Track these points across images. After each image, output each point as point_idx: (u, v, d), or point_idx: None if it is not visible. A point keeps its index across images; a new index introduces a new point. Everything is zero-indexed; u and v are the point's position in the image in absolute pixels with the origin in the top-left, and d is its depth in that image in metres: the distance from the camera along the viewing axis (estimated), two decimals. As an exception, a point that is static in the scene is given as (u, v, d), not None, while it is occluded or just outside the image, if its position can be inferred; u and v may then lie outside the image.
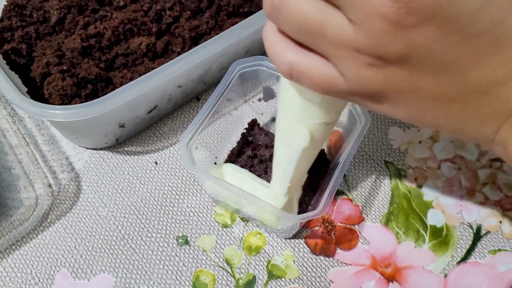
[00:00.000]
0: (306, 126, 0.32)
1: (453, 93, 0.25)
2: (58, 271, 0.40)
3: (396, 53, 0.23)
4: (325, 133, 0.34)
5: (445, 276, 0.40)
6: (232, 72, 0.40)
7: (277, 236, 0.42)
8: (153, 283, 0.40)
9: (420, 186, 0.44)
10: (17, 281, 0.40)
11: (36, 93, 0.43)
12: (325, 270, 0.40)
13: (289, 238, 0.42)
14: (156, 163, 0.45)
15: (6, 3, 0.47)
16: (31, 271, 0.40)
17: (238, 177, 0.39)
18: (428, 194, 0.44)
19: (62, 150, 0.45)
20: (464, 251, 0.41)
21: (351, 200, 0.44)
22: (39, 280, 0.40)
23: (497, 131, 0.26)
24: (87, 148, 0.46)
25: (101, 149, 0.45)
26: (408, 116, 0.27)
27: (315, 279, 0.40)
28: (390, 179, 0.45)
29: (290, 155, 0.34)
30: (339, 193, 0.44)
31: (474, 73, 0.23)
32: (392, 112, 0.27)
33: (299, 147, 0.33)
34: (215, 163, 0.44)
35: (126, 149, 0.46)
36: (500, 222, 0.43)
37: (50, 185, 0.44)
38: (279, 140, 0.35)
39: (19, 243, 0.41)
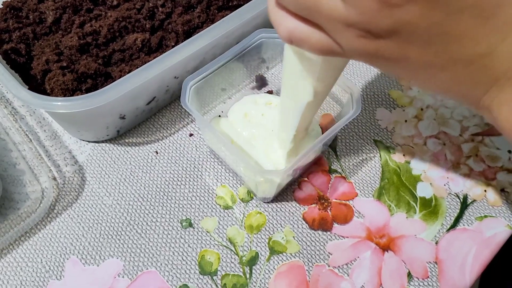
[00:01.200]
0: (310, 83, 0.34)
1: (440, 62, 0.27)
2: (68, 259, 0.42)
3: (385, 28, 0.25)
4: (329, 88, 0.36)
5: (436, 243, 0.43)
6: (253, 37, 0.43)
7: (260, 201, 0.45)
8: (161, 264, 0.41)
9: (408, 162, 0.47)
10: (28, 270, 0.41)
11: (38, 89, 0.44)
12: (324, 244, 0.43)
13: (268, 202, 0.44)
14: (156, 152, 0.47)
15: (1, 6, 0.49)
16: (41, 260, 0.42)
17: (234, 131, 0.42)
18: (416, 168, 0.47)
19: (65, 144, 0.47)
20: (453, 219, 0.44)
21: (344, 178, 0.46)
22: (49, 268, 0.41)
23: (483, 96, 0.28)
24: (89, 142, 0.47)
25: (102, 141, 0.47)
26: (401, 75, 0.29)
27: (315, 252, 0.42)
28: (380, 156, 0.47)
29: (295, 108, 0.36)
30: (332, 171, 0.46)
31: (458, 45, 0.26)
32: (386, 70, 0.29)
33: (303, 101, 0.35)
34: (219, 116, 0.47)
35: (127, 140, 0.47)
36: (485, 191, 0.45)
37: (55, 178, 0.45)
38: (285, 94, 0.38)
39: (28, 235, 0.43)
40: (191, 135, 0.48)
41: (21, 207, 0.43)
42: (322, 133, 0.47)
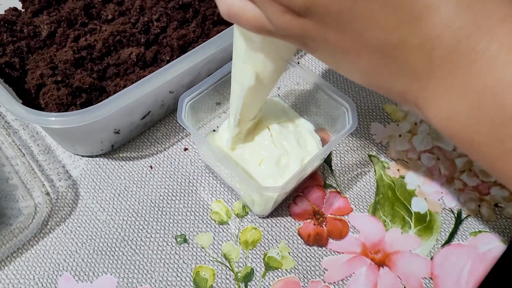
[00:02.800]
0: (252, 67, 0.35)
1: (357, 49, 0.27)
2: (60, 275, 0.41)
3: (300, 6, 0.26)
4: (272, 77, 0.37)
5: (431, 258, 0.43)
6: None
7: (255, 216, 0.44)
8: (155, 281, 0.41)
9: (403, 177, 0.47)
10: (20, 287, 0.40)
11: (32, 104, 0.44)
12: (319, 259, 0.42)
13: (263, 218, 0.44)
14: (151, 167, 0.47)
15: (-5, 20, 0.49)
16: (34, 276, 0.41)
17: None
18: (410, 183, 0.47)
19: (58, 159, 0.47)
20: (448, 234, 0.44)
21: (339, 193, 0.46)
22: (42, 285, 0.41)
23: (406, 91, 0.28)
24: (83, 156, 0.47)
25: (96, 156, 0.47)
26: (328, 63, 0.31)
27: (310, 268, 0.42)
28: (375, 171, 0.47)
29: (239, 91, 0.37)
30: (327, 186, 0.46)
31: (370, 34, 0.26)
32: (317, 56, 0.30)
33: (246, 85, 0.36)
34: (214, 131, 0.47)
35: (121, 155, 0.47)
36: (479, 206, 0.46)
37: (48, 193, 0.45)
38: (232, 76, 0.38)
39: (20, 251, 0.42)
40: (185, 149, 0.48)
41: (14, 222, 0.43)
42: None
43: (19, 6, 0.52)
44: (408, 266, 0.42)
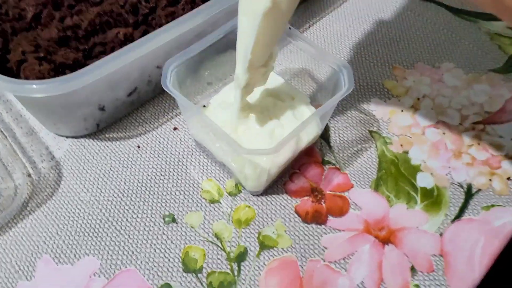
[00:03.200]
0: None
1: None
2: (39, 258, 0.38)
3: None
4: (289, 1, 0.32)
5: (441, 234, 0.39)
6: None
7: (249, 194, 0.42)
8: (141, 262, 0.38)
9: (406, 152, 0.44)
10: (-4, 271, 0.38)
11: (13, 82, 0.42)
12: (318, 237, 0.39)
13: (257, 195, 0.41)
14: (138, 146, 0.44)
15: (-20, 4, 0.48)
16: (11, 259, 0.38)
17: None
18: (415, 158, 0.44)
19: (42, 141, 0.44)
20: (457, 209, 0.41)
21: (339, 169, 0.43)
22: (19, 268, 0.38)
23: None
24: (68, 137, 0.45)
25: (81, 137, 0.45)
26: None
27: (308, 247, 0.39)
28: (376, 147, 0.44)
29: (251, 23, 0.32)
30: (325, 163, 0.43)
31: None
32: None
33: (260, 10, 0.31)
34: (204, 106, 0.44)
35: (107, 135, 0.45)
36: (490, 180, 0.42)
37: (29, 175, 0.42)
38: (240, 12, 0.33)
39: (-3, 233, 0.39)
40: (175, 129, 0.45)
41: (-8, 205, 0.40)
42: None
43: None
44: (416, 243, 0.39)
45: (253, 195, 0.41)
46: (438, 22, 0.54)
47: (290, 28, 0.40)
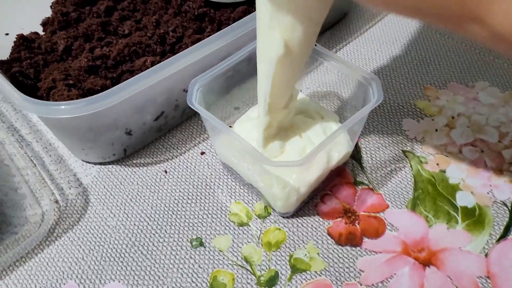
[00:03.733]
0: (279, 33, 0.31)
1: None
2: (64, 284, 0.37)
3: None
4: (302, 45, 0.32)
5: (486, 255, 0.37)
6: None
7: (279, 216, 0.40)
8: (167, 287, 0.36)
9: (443, 171, 0.42)
10: (21, 298, 0.37)
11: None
12: (353, 260, 0.37)
13: (288, 217, 0.40)
14: (165, 171, 0.44)
15: (15, 39, 0.49)
16: (36, 286, 0.37)
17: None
18: (453, 177, 0.41)
19: (70, 168, 0.44)
20: (502, 228, 0.38)
21: (372, 189, 0.41)
22: (44, 295, 0.37)
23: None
24: (95, 164, 0.44)
25: (108, 163, 0.44)
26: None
27: (344, 270, 0.36)
28: (411, 166, 0.42)
29: (267, 69, 0.33)
30: (358, 183, 0.41)
31: None
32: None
33: (274, 57, 0.32)
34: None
35: (134, 161, 0.44)
36: (536, 197, 0.40)
37: (56, 201, 0.42)
38: (258, 58, 0.34)
39: (23, 259, 0.39)
40: (202, 153, 0.45)
41: (20, 231, 0.40)
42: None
43: (40, 30, 0.53)
44: (459, 264, 0.36)
45: (283, 217, 0.40)
46: (470, 43, 0.53)
47: (316, 45, 0.40)
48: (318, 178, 0.39)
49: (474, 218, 0.39)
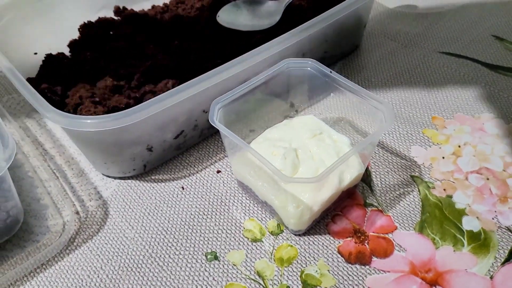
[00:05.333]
0: None
1: None
2: (83, 291, 0.38)
3: None
4: None
5: (491, 277, 0.38)
6: (280, 65, 0.44)
7: (291, 233, 0.42)
8: (182, 298, 0.38)
9: (450, 196, 0.43)
10: (40, 304, 0.38)
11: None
12: (363, 278, 0.38)
13: (300, 235, 0.41)
14: (183, 188, 0.45)
15: (44, 58, 0.52)
16: (55, 292, 0.38)
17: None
18: (459, 202, 0.43)
19: (91, 181, 0.46)
20: (507, 251, 0.39)
21: (381, 211, 0.43)
22: (63, 301, 0.38)
23: None
24: (115, 178, 0.46)
25: (128, 178, 0.46)
26: None
27: (353, 287, 0.38)
28: (419, 191, 0.44)
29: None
30: (368, 205, 0.43)
31: None
32: None
33: None
34: None
35: (153, 177, 0.46)
36: (539, 224, 0.41)
37: (77, 212, 0.44)
38: None
39: (44, 266, 0.40)
40: (218, 172, 0.47)
41: (41, 239, 0.42)
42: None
43: (66, 51, 0.55)
44: (465, 285, 0.38)
45: (295, 234, 0.41)
46: (476, 77, 0.56)
47: (330, 72, 0.42)
48: (330, 198, 0.40)
49: (480, 241, 0.40)
